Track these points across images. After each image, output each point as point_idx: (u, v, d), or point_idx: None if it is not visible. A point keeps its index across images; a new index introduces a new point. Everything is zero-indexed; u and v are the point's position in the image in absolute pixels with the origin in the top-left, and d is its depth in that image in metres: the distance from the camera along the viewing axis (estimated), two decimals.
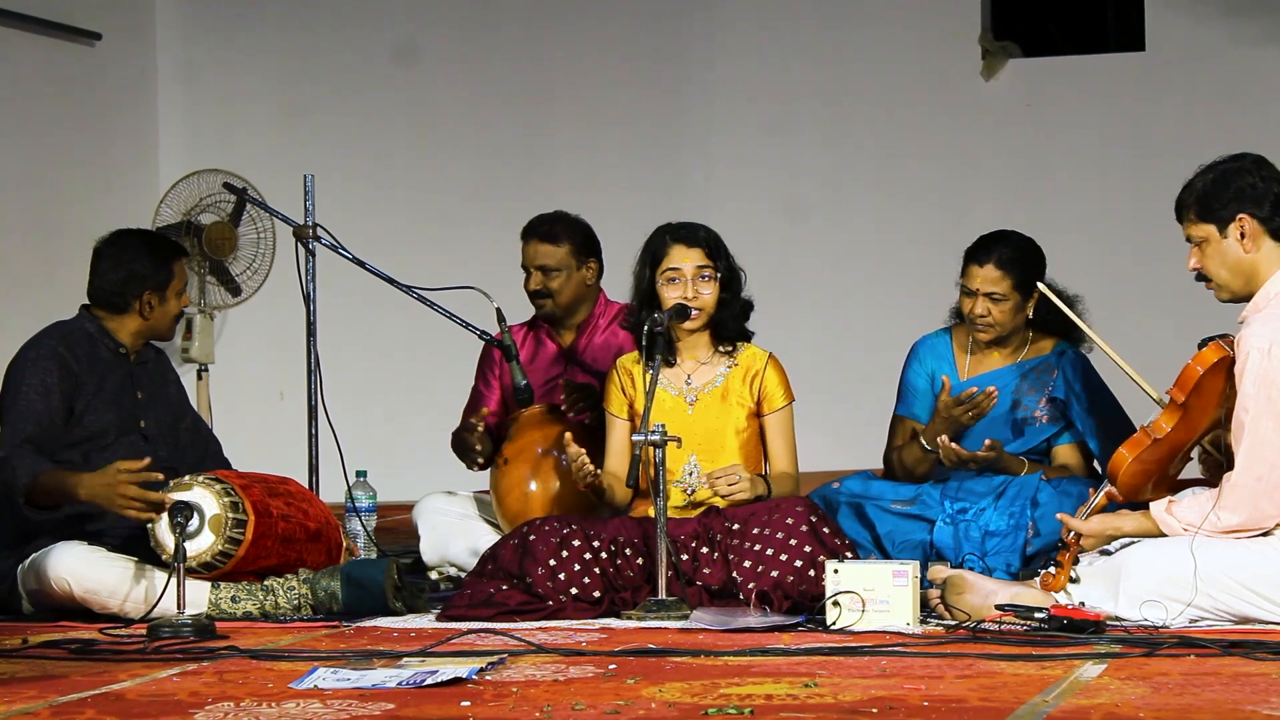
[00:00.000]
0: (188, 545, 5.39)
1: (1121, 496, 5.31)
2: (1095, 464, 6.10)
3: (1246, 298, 5.21)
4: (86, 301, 6.02)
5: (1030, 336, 6.18)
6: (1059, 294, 5.95)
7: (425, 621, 5.51)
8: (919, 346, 6.31)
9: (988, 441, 5.92)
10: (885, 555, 5.88)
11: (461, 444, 6.44)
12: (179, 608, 5.24)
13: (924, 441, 6.04)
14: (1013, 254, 6.05)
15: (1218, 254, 5.20)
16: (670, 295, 5.83)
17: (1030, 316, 6.10)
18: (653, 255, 5.89)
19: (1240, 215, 5.15)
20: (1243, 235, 5.16)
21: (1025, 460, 6.04)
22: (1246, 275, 5.18)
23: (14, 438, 5.72)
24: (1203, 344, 5.23)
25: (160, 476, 5.53)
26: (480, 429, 6.37)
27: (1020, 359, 6.17)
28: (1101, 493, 5.33)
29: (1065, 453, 6.12)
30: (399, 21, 10.59)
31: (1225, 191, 5.17)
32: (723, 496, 5.68)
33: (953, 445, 5.91)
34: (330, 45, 10.67)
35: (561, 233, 6.58)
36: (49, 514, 5.70)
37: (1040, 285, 5.79)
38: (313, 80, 10.69)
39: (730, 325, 5.90)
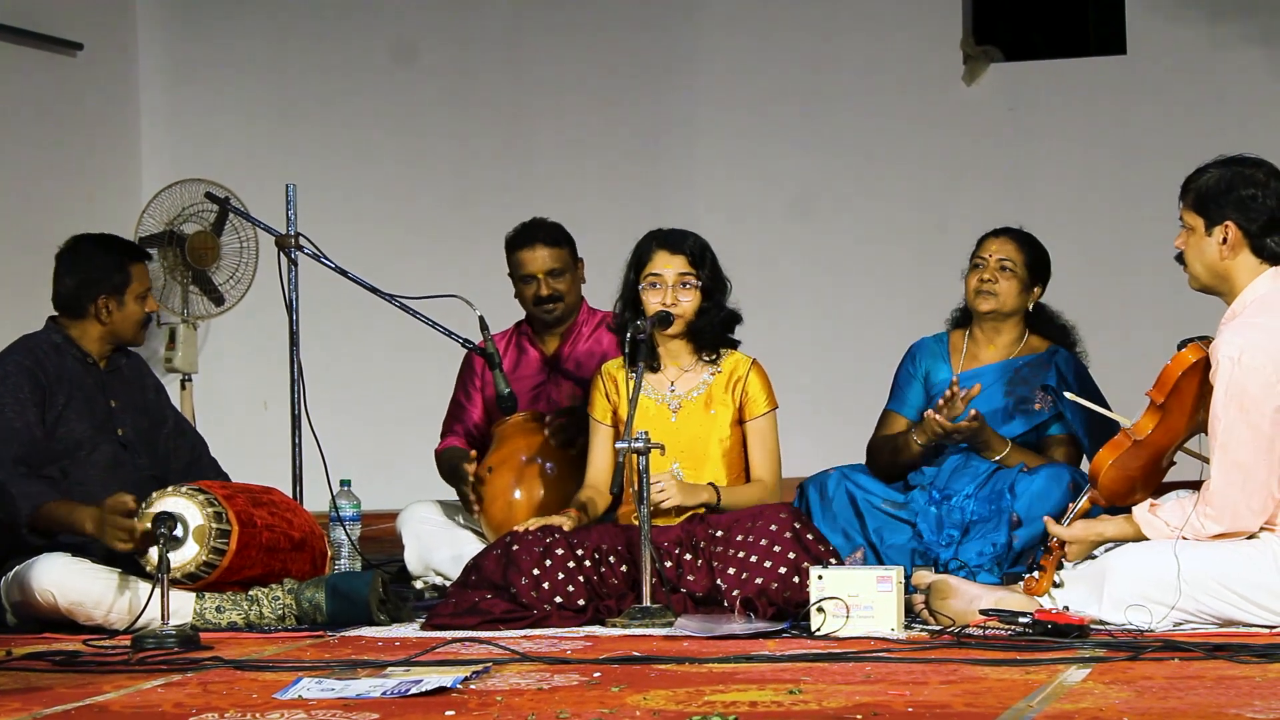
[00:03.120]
0: (172, 556, 5.38)
1: (1103, 499, 5.32)
2: (1085, 458, 6.11)
3: (1214, 292, 5.24)
4: (55, 312, 6.02)
5: (1025, 336, 6.21)
6: (1052, 317, 6.05)
7: (410, 631, 5.51)
8: (916, 347, 6.35)
9: (972, 411, 5.92)
10: (874, 549, 5.89)
11: (454, 478, 6.43)
12: (163, 619, 5.24)
13: (914, 435, 6.04)
14: (1029, 237, 6.19)
15: (1197, 247, 5.24)
16: (651, 300, 5.83)
17: (1029, 310, 6.14)
18: (638, 259, 5.90)
19: (1227, 222, 5.17)
20: (1224, 240, 5.18)
21: (1008, 441, 6.04)
22: (1217, 276, 5.22)
23: (3, 461, 5.71)
24: (1182, 345, 5.26)
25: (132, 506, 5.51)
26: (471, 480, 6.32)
27: (1014, 355, 6.20)
28: (1084, 497, 5.35)
29: (1055, 445, 6.13)
30: (382, 30, 10.60)
31: (1226, 195, 5.19)
32: (657, 505, 5.67)
33: (938, 418, 5.90)
34: (312, 55, 10.67)
35: (559, 235, 6.58)
36: (48, 539, 5.70)
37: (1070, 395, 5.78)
38: (295, 90, 10.69)
39: (708, 334, 5.88)
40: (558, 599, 5.52)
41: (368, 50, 10.59)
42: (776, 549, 5.50)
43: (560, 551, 5.59)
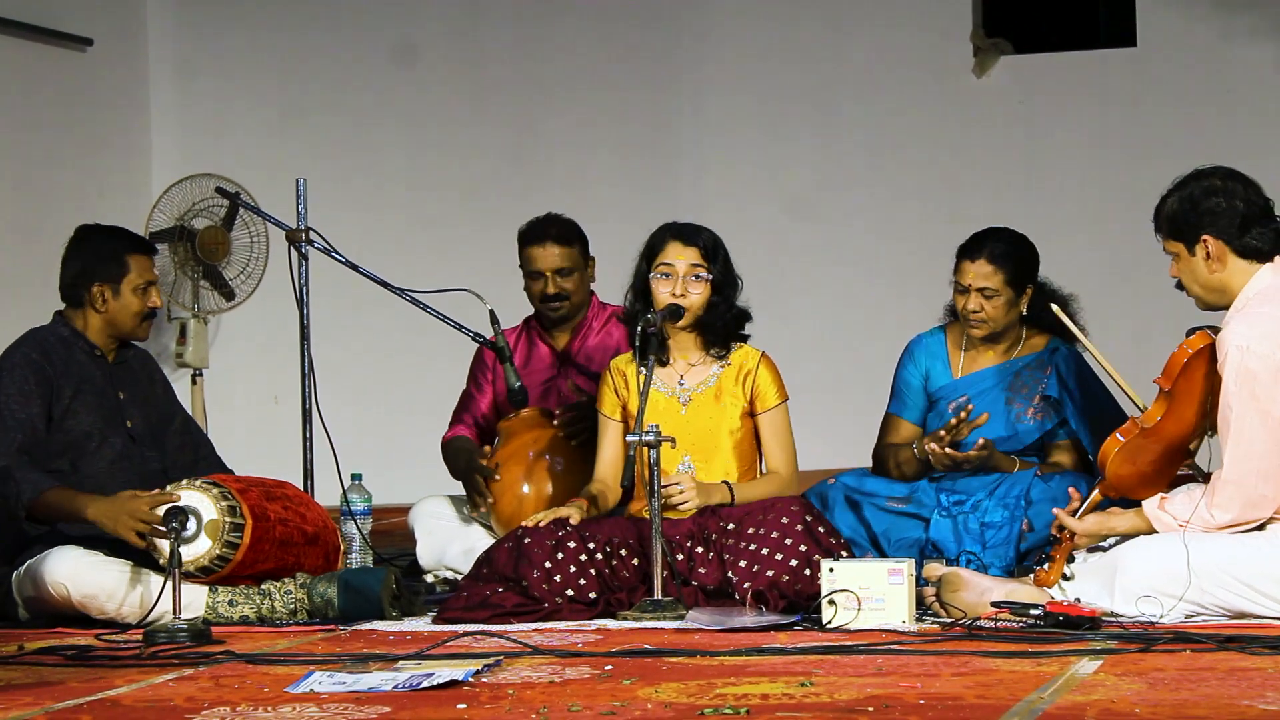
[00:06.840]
0: (184, 550, 5.39)
1: (1113, 489, 5.32)
2: (1090, 458, 6.11)
3: (1221, 307, 5.27)
4: (61, 305, 6.03)
5: (1024, 334, 6.18)
6: (1053, 293, 5.98)
7: (421, 624, 5.51)
8: (913, 345, 6.32)
9: (980, 440, 5.92)
10: (881, 552, 5.88)
11: (467, 480, 6.42)
12: (175, 613, 5.24)
13: (916, 453, 6.03)
14: (1005, 249, 6.05)
15: (1188, 269, 5.30)
16: (660, 290, 5.83)
17: (1024, 313, 6.11)
18: (650, 249, 5.90)
19: (1204, 237, 5.21)
20: (1208, 255, 5.22)
21: (1016, 459, 6.04)
22: (1216, 291, 5.28)
23: (7, 449, 5.71)
24: (1190, 333, 5.29)
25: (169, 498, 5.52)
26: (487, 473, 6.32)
27: (1013, 356, 6.18)
28: (1095, 488, 5.34)
29: (1058, 450, 6.12)
30: (391, 25, 10.59)
31: (1193, 212, 5.25)
32: (675, 506, 5.66)
33: (946, 450, 5.90)
34: (322, 49, 10.67)
35: (571, 233, 6.57)
36: (47, 527, 5.70)
37: (1055, 308, 5.76)
38: (304, 84, 10.69)
39: (717, 329, 5.88)
40: (569, 592, 5.52)
41: (377, 44, 10.59)
42: (788, 542, 5.50)
43: (572, 544, 5.59)
